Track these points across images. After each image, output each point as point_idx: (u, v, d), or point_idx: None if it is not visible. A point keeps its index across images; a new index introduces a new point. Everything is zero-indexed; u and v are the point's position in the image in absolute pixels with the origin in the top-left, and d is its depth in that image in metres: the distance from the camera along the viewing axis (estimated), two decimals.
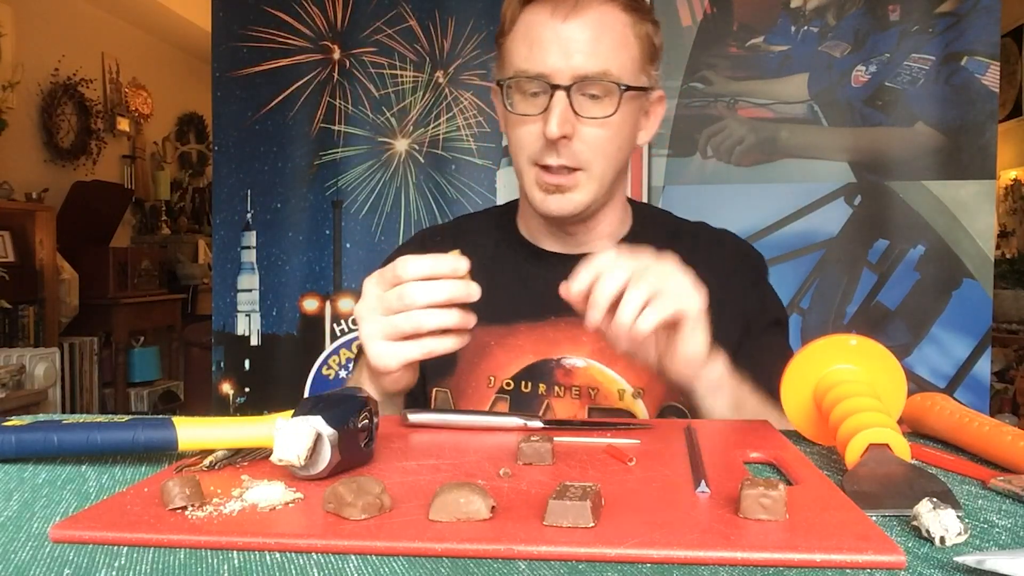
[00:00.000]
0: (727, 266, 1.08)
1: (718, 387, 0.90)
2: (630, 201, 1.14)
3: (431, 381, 1.06)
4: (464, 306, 0.83)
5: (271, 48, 2.35)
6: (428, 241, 1.14)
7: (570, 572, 0.46)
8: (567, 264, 1.03)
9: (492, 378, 1.03)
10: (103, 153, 5.02)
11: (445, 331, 0.82)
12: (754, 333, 1.05)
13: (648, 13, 1.01)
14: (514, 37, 0.99)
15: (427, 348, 0.83)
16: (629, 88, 0.96)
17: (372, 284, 0.85)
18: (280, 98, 2.36)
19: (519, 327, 1.05)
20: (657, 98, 1.05)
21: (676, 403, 0.99)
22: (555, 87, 0.94)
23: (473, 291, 0.83)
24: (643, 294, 0.79)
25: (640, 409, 1.00)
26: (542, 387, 1.01)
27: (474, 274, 1.04)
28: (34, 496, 0.61)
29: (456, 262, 0.82)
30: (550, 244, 1.09)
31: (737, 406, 0.92)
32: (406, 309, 0.81)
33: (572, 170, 0.97)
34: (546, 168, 0.97)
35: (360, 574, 0.46)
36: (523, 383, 1.02)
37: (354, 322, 2.33)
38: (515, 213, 1.14)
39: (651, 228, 1.11)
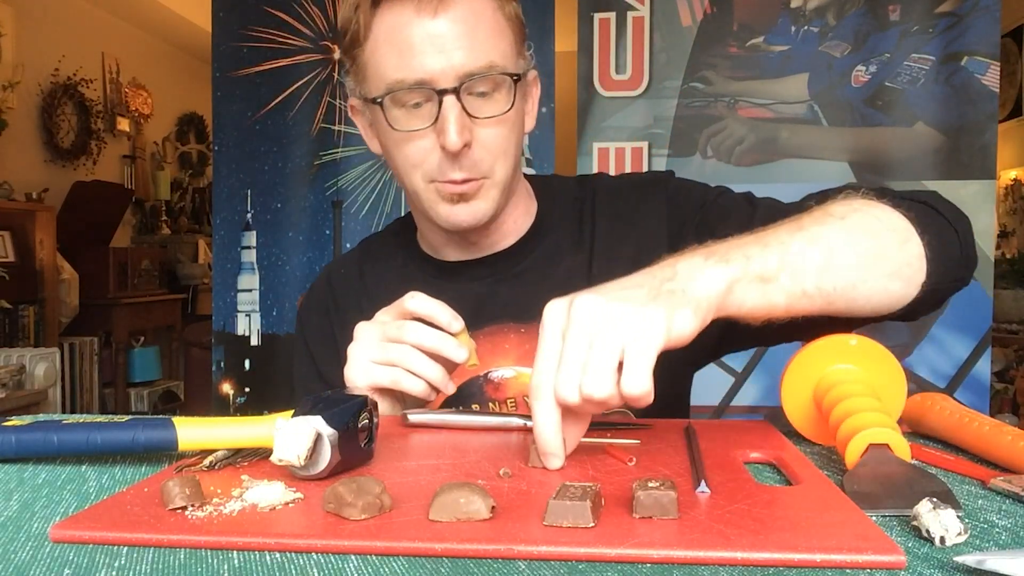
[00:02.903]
0: (646, 218, 0.98)
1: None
2: (532, 178, 1.06)
3: None
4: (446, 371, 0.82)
5: (271, 48, 2.35)
6: (333, 277, 1.08)
7: (570, 572, 0.46)
8: (475, 271, 1.00)
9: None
10: (103, 153, 5.02)
11: (420, 377, 0.81)
12: (710, 220, 0.94)
13: None
14: (374, 45, 0.87)
15: (395, 378, 0.81)
16: (518, 78, 0.88)
17: (382, 312, 0.85)
18: (280, 98, 2.36)
19: None
20: (533, 79, 0.96)
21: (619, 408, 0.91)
22: (442, 92, 0.84)
23: (457, 356, 0.80)
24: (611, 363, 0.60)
25: None
26: (475, 407, 0.95)
27: (383, 301, 0.95)
28: (34, 496, 0.61)
29: (453, 319, 0.82)
30: (454, 254, 1.01)
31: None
32: (400, 341, 0.80)
33: (475, 180, 0.89)
34: (449, 182, 0.89)
35: (360, 574, 0.46)
36: (456, 407, 0.94)
37: None
38: (415, 229, 1.05)
39: (556, 207, 1.02)
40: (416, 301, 0.82)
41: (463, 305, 0.92)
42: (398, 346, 0.81)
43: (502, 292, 0.98)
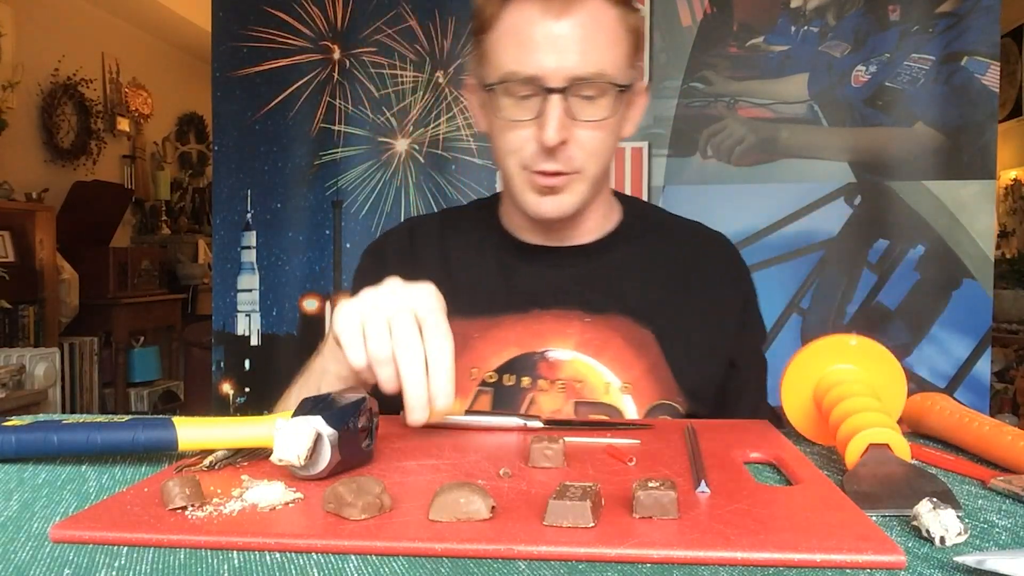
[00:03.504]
0: (720, 277, 1.08)
1: None
2: (618, 195, 1.12)
3: None
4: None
5: (271, 48, 2.35)
6: (416, 231, 1.13)
7: (570, 572, 0.46)
8: (551, 257, 1.06)
9: (474, 370, 1.00)
10: (103, 153, 5.02)
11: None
12: (740, 365, 1.05)
13: (633, 1, 0.98)
14: (498, 35, 0.94)
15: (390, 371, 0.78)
16: (624, 88, 0.94)
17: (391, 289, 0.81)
18: (280, 98, 2.36)
19: (503, 320, 1.02)
20: (641, 89, 1.02)
21: (669, 401, 0.98)
22: (549, 90, 0.90)
23: (438, 401, 0.75)
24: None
25: (626, 405, 0.98)
26: (526, 380, 0.99)
27: (460, 267, 1.06)
28: (34, 496, 0.61)
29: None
30: (533, 238, 1.07)
31: None
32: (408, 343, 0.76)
33: (565, 174, 0.95)
34: (540, 172, 0.94)
35: (360, 574, 0.46)
36: (506, 376, 1.00)
37: None
38: (498, 207, 1.12)
39: (641, 223, 1.10)
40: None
41: (535, 285, 1.03)
42: (410, 343, 0.76)
43: (574, 281, 1.03)
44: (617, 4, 0.94)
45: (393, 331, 0.74)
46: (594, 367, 1.00)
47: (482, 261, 1.07)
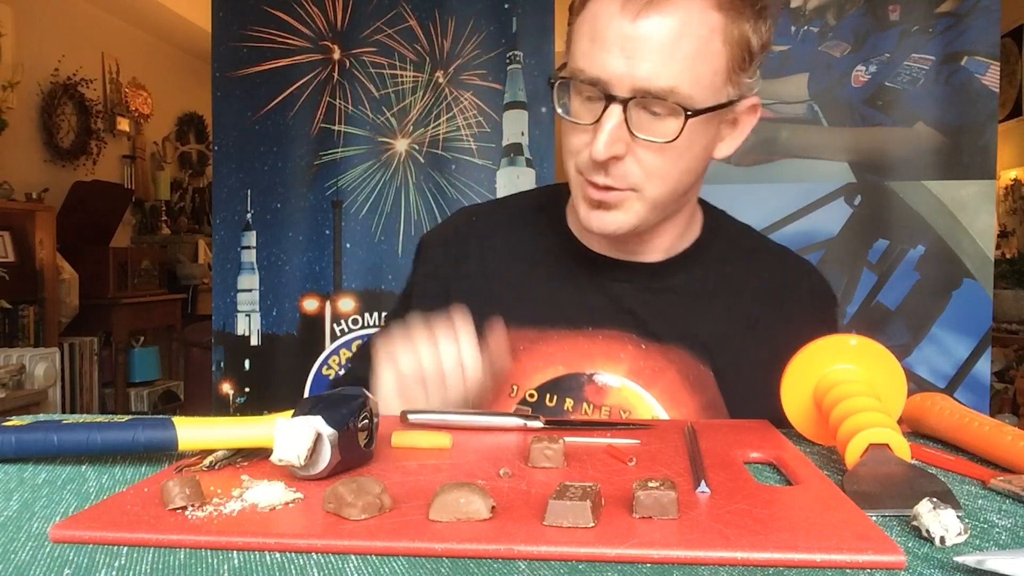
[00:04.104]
0: (798, 315, 0.96)
1: None
2: (704, 205, 1.01)
3: None
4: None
5: (271, 48, 2.35)
6: (474, 222, 1.05)
7: (570, 572, 0.46)
8: (614, 271, 0.95)
9: (515, 387, 0.93)
10: (103, 153, 5.02)
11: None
12: None
13: (751, 6, 0.82)
14: (579, 24, 0.83)
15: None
16: (697, 113, 0.80)
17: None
18: (280, 98, 2.36)
19: (551, 334, 0.94)
20: (749, 107, 0.88)
21: None
22: (611, 98, 0.80)
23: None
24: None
25: None
26: (569, 402, 0.92)
27: (512, 267, 0.99)
28: (34, 496, 0.61)
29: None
30: (600, 246, 0.96)
31: None
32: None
33: (618, 190, 0.84)
34: (592, 183, 0.85)
35: (360, 574, 0.46)
36: (548, 396, 0.93)
37: (354, 321, 2.34)
38: (565, 200, 1.00)
39: (721, 243, 0.99)
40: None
41: (592, 298, 0.95)
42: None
43: (636, 302, 0.94)
44: (721, 8, 0.80)
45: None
46: (644, 398, 0.92)
47: (538, 262, 0.98)
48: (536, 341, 0.94)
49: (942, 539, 0.50)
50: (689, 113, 0.80)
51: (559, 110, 0.86)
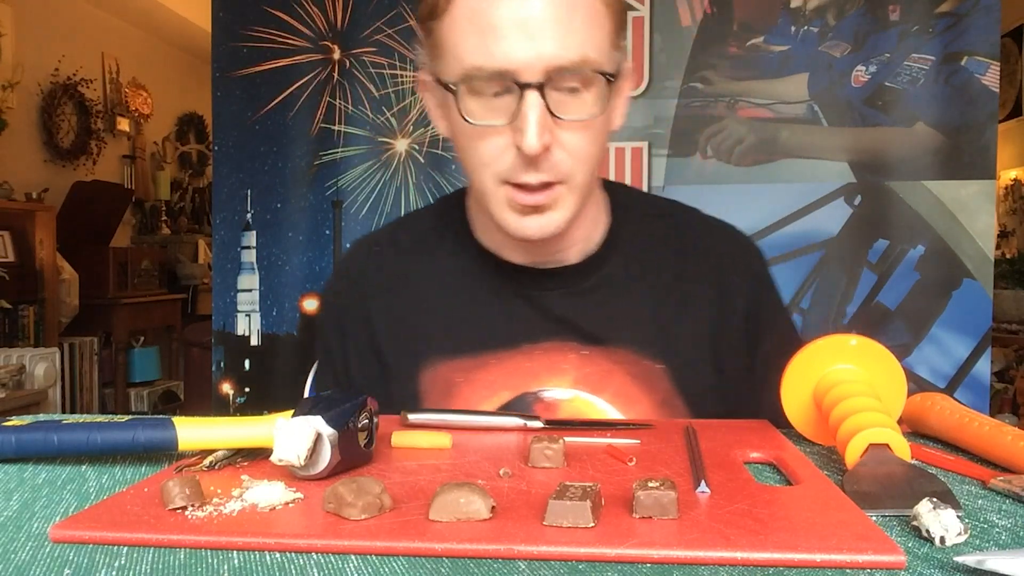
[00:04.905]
0: (727, 264, 0.94)
1: None
2: (606, 185, 0.96)
3: None
4: None
5: (271, 48, 2.35)
6: (366, 255, 0.98)
7: (570, 572, 0.46)
8: (539, 280, 0.90)
9: None
10: (103, 153, 5.02)
11: None
12: (773, 340, 0.93)
13: None
14: (453, 21, 0.77)
15: None
16: (612, 76, 0.78)
17: None
18: (280, 98, 2.36)
19: (488, 359, 0.89)
20: (626, 73, 0.86)
21: None
22: (524, 86, 0.75)
23: None
24: None
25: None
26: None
27: (430, 298, 0.91)
28: (34, 496, 0.61)
29: None
30: (515, 256, 0.91)
31: None
32: None
33: (551, 184, 0.80)
34: (521, 186, 0.79)
35: (360, 574, 0.46)
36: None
37: None
38: (468, 215, 0.94)
39: (632, 223, 0.95)
40: None
41: (523, 313, 0.89)
42: None
43: (566, 308, 0.90)
44: None
45: None
46: (596, 404, 0.88)
47: (456, 289, 0.92)
48: (473, 369, 0.89)
49: (942, 539, 0.50)
50: (609, 77, 0.77)
51: (467, 119, 0.78)
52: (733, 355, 0.93)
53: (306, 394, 1.13)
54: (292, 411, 0.63)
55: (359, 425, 0.65)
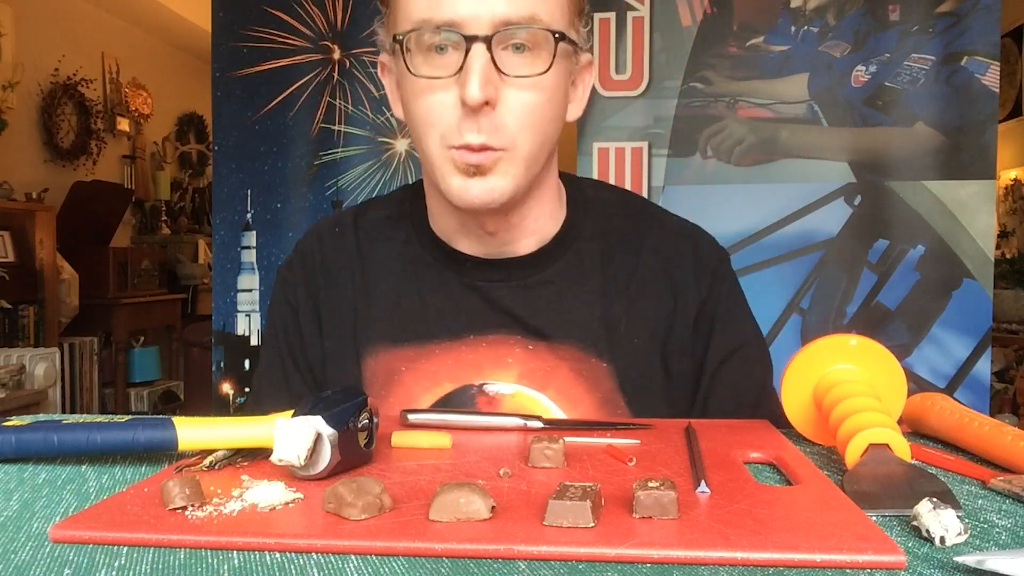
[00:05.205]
0: (683, 263, 0.92)
1: None
2: (565, 178, 0.95)
3: None
4: None
5: (271, 48, 2.35)
6: (326, 241, 0.97)
7: (570, 572, 0.46)
8: (488, 271, 0.89)
9: (403, 411, 0.84)
10: (103, 153, 5.02)
11: None
12: (723, 347, 0.91)
13: None
14: None
15: None
16: (564, 37, 0.78)
17: None
18: (280, 98, 2.36)
19: (432, 348, 0.89)
20: (586, 63, 0.86)
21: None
22: (471, 38, 0.75)
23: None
24: None
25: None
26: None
27: (379, 283, 0.91)
28: (34, 496, 0.61)
29: None
30: (467, 246, 0.90)
31: None
32: None
33: (493, 148, 0.78)
34: (465, 147, 0.78)
35: (360, 574, 0.46)
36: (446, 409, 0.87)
37: None
38: (424, 202, 0.94)
39: (588, 219, 0.93)
40: None
41: (470, 303, 0.89)
42: None
43: (514, 301, 0.89)
44: None
45: None
46: (540, 401, 0.87)
47: (408, 273, 0.92)
48: (417, 359, 0.89)
49: (942, 539, 0.50)
50: (557, 34, 0.77)
51: (410, 71, 0.78)
52: (681, 356, 0.91)
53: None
54: (292, 411, 0.63)
55: (359, 425, 0.65)
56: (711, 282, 0.92)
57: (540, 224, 0.90)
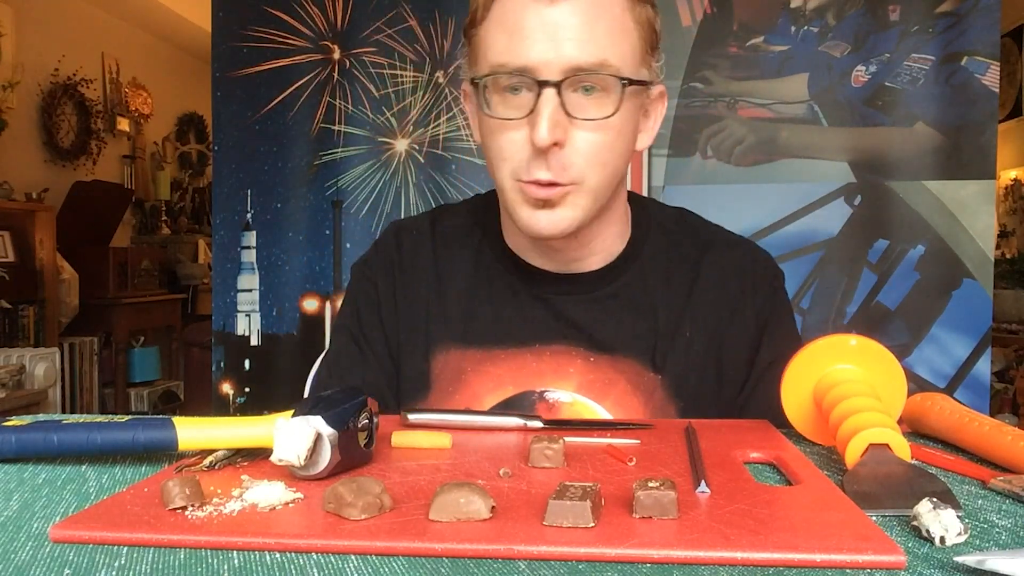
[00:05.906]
0: (743, 280, 0.96)
1: None
2: (631, 198, 0.99)
3: (404, 406, 0.91)
4: None
5: (271, 48, 2.35)
6: (404, 241, 1.01)
7: (570, 572, 0.46)
8: (556, 284, 0.94)
9: (466, 410, 0.90)
10: (103, 153, 5.02)
11: None
12: (772, 350, 0.94)
13: None
14: (488, 26, 0.84)
15: None
16: (631, 82, 0.82)
17: None
18: (280, 98, 2.36)
19: (498, 353, 0.93)
20: (658, 94, 0.90)
21: None
22: (542, 83, 0.79)
23: None
24: None
25: None
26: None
27: (454, 288, 0.96)
28: (34, 496, 0.61)
29: None
30: (537, 259, 0.95)
31: None
32: None
33: (561, 185, 0.83)
34: (534, 182, 0.83)
35: (360, 574, 0.46)
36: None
37: None
38: (497, 212, 0.99)
39: (650, 237, 0.98)
40: None
41: (537, 314, 0.94)
42: None
43: (579, 314, 0.93)
44: None
45: None
46: (597, 411, 0.92)
47: (480, 280, 0.97)
48: (483, 362, 0.94)
49: (942, 539, 0.50)
50: (624, 82, 0.81)
51: (487, 111, 0.84)
52: (735, 367, 0.95)
53: (306, 394, 1.13)
54: (292, 411, 0.63)
55: (359, 425, 0.65)
56: (767, 294, 0.97)
57: (608, 243, 0.95)
